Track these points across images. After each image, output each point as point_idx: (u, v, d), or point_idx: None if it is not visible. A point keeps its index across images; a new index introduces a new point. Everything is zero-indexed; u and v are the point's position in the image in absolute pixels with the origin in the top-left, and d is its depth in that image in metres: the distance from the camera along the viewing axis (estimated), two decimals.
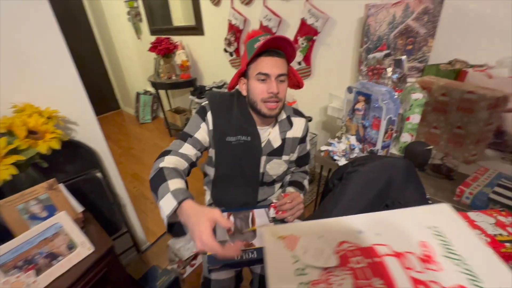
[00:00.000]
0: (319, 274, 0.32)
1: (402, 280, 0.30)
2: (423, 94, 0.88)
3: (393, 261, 0.32)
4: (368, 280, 0.30)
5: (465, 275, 0.29)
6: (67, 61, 0.98)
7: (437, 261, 0.32)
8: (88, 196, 1.12)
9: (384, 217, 0.39)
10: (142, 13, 2.83)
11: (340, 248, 0.34)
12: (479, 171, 0.82)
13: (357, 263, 0.33)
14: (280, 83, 0.76)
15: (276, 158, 0.90)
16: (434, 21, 1.07)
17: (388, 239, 0.35)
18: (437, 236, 0.35)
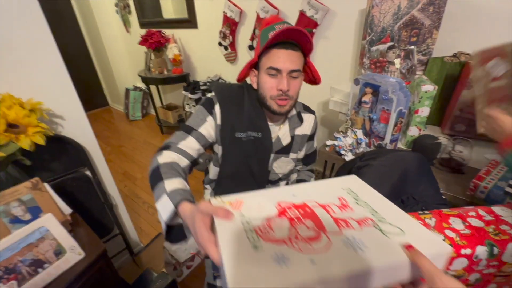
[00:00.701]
0: (261, 222, 0.40)
1: (327, 219, 0.40)
2: (434, 86, 0.85)
3: (319, 210, 0.43)
4: (301, 221, 0.40)
5: (370, 212, 0.41)
6: (52, 49, 0.89)
7: (350, 206, 0.44)
8: (77, 196, 1.04)
9: (310, 185, 0.52)
10: (131, 5, 2.71)
11: (278, 205, 0.44)
12: (491, 164, 0.79)
13: (292, 213, 0.42)
14: (292, 79, 0.69)
15: (284, 156, 0.85)
16: (439, 12, 1.04)
17: (315, 198, 0.46)
18: (350, 193, 0.48)
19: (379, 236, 0.37)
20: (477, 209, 0.55)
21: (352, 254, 0.34)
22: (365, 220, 0.40)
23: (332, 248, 0.35)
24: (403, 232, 0.37)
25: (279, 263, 0.33)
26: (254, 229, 0.38)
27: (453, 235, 0.49)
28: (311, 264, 0.33)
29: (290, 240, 0.36)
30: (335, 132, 1.03)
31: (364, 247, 0.35)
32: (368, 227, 0.39)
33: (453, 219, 0.53)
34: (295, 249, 0.35)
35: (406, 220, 0.39)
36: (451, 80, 1.05)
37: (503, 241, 0.47)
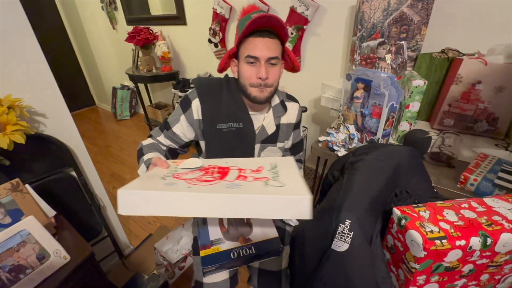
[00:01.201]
0: (182, 171, 0.52)
1: (232, 174, 0.50)
2: (424, 81, 0.86)
3: (235, 170, 0.52)
4: (211, 173, 0.50)
5: (272, 175, 0.49)
6: (32, 43, 0.85)
7: (261, 171, 0.51)
8: (62, 198, 0.99)
9: (246, 159, 0.63)
10: (117, 1, 2.63)
11: (208, 166, 0.55)
12: (479, 158, 0.81)
13: (211, 170, 0.53)
14: (271, 66, 0.70)
15: (270, 146, 0.86)
16: (427, 9, 1.05)
17: (240, 165, 0.55)
18: (272, 165, 0.56)
19: (260, 184, 0.45)
20: (469, 201, 0.56)
21: (223, 189, 0.43)
22: (262, 178, 0.49)
23: (212, 185, 0.44)
24: (284, 185, 0.45)
25: (167, 185, 0.45)
26: (174, 172, 0.52)
27: (447, 227, 0.49)
28: (185, 187, 0.43)
29: (190, 180, 0.47)
30: (328, 128, 1.03)
31: (238, 187, 0.43)
32: (259, 182, 0.47)
33: (447, 211, 0.53)
34: (185, 181, 0.46)
35: (296, 181, 0.47)
36: (439, 76, 1.07)
37: (496, 231, 0.47)
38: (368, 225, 0.58)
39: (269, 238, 0.69)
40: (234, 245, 0.67)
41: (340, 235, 0.55)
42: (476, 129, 1.00)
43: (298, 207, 0.42)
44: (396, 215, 0.54)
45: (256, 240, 0.68)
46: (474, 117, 0.98)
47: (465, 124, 1.01)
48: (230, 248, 0.66)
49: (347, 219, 0.55)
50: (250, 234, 0.70)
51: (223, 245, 0.67)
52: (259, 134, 0.82)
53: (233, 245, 0.67)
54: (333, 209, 0.60)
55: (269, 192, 0.42)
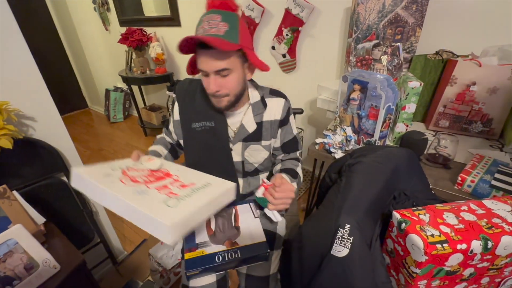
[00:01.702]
0: (142, 170, 0.65)
1: (161, 183, 0.60)
2: (420, 82, 0.86)
3: (169, 180, 0.62)
4: (149, 176, 0.62)
5: (185, 194, 0.56)
6: (20, 44, 0.82)
7: (183, 189, 0.58)
8: (52, 204, 0.96)
9: (191, 171, 0.71)
10: (110, 2, 2.60)
11: (161, 170, 0.68)
12: (476, 159, 0.81)
13: (157, 174, 0.65)
14: (222, 77, 0.68)
15: (253, 144, 0.83)
16: (422, 10, 1.06)
17: (182, 177, 0.65)
18: (204, 184, 0.62)
19: (160, 198, 0.52)
20: (468, 203, 0.55)
21: (129, 193, 0.52)
22: (172, 194, 0.55)
23: (131, 186, 0.55)
24: (170, 207, 0.50)
25: (104, 176, 0.56)
26: (131, 166, 0.65)
27: (448, 231, 0.48)
28: (109, 182, 0.55)
29: (129, 177, 0.59)
30: (324, 130, 1.02)
31: (141, 195, 0.53)
32: (163, 195, 0.54)
33: (447, 214, 0.52)
34: (121, 176, 0.58)
35: (185, 208, 0.52)
36: (434, 77, 1.07)
37: (496, 234, 0.47)
38: (367, 229, 0.57)
39: (256, 242, 0.67)
40: (219, 248, 0.66)
41: (339, 240, 0.54)
42: (471, 130, 1.00)
43: (158, 229, 0.46)
44: (396, 218, 0.53)
45: (242, 244, 0.67)
46: (469, 118, 0.99)
47: (460, 125, 1.02)
48: (215, 251, 0.65)
49: (347, 223, 0.54)
50: (237, 237, 0.69)
51: (208, 248, 0.66)
52: (238, 133, 0.81)
53: (219, 249, 0.66)
54: (332, 213, 0.59)
55: (145, 206, 0.48)
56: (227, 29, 0.63)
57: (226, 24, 0.63)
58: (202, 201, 0.54)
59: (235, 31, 0.64)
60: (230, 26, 0.63)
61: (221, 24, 0.63)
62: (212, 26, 0.62)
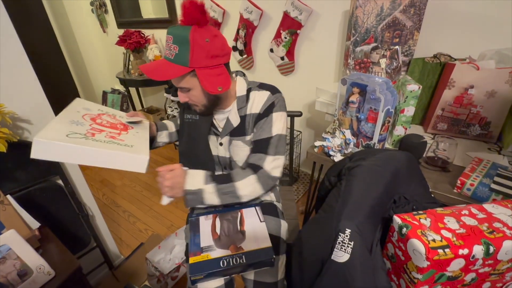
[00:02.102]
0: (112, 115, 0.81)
1: (111, 130, 0.70)
2: (418, 86, 0.86)
3: (120, 127, 0.75)
4: (109, 126, 0.72)
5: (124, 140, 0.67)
6: (16, 45, 0.81)
7: (126, 133, 0.72)
8: (47, 208, 0.95)
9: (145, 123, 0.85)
10: (107, 4, 2.59)
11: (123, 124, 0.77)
12: (474, 162, 0.81)
13: (120, 126, 0.75)
14: (186, 92, 0.73)
15: (236, 139, 0.82)
16: (420, 14, 1.06)
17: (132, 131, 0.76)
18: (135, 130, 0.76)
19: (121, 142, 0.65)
20: (469, 207, 0.55)
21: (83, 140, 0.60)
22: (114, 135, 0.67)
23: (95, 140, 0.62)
24: (131, 146, 0.64)
25: (71, 123, 0.64)
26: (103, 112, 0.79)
27: (449, 235, 0.48)
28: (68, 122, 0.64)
29: (97, 124, 0.70)
30: (323, 133, 1.02)
31: (109, 143, 0.62)
32: (110, 139, 0.64)
33: (448, 218, 0.52)
34: (88, 123, 0.67)
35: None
36: (432, 80, 1.08)
37: (498, 239, 0.47)
38: (368, 233, 0.56)
39: (262, 247, 0.67)
40: (224, 253, 0.65)
41: (340, 245, 0.53)
42: (469, 133, 1.01)
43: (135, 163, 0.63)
44: (397, 223, 0.53)
45: (247, 249, 0.66)
46: (467, 121, 0.99)
47: (458, 128, 1.02)
48: (220, 256, 0.64)
49: (347, 228, 0.54)
50: (242, 242, 0.68)
51: (213, 253, 0.65)
52: (225, 127, 0.82)
53: (224, 253, 0.65)
54: (332, 218, 0.58)
55: (118, 149, 0.60)
56: (177, 53, 0.65)
57: (176, 46, 0.65)
58: (102, 147, 0.62)
59: (186, 53, 0.65)
60: (180, 48, 0.65)
61: (172, 47, 0.67)
62: (167, 49, 0.68)
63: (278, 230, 0.84)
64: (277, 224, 0.84)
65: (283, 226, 0.85)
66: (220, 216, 0.77)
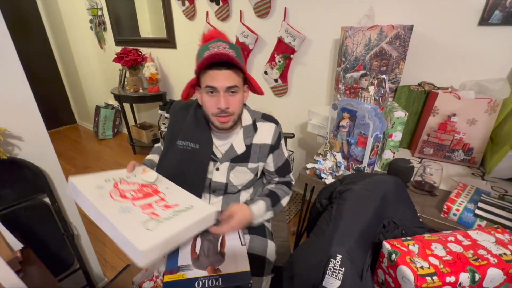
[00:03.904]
0: (131, 180, 0.71)
1: (147, 201, 0.63)
2: (405, 112, 0.91)
3: (156, 197, 0.67)
4: (138, 192, 0.66)
5: (166, 216, 0.59)
6: (14, 62, 0.82)
7: (166, 210, 0.62)
8: (32, 227, 0.92)
9: (177, 189, 0.74)
10: (107, 22, 2.66)
11: (152, 185, 0.71)
12: (459, 187, 0.84)
13: (147, 189, 0.69)
14: (231, 95, 0.73)
15: (239, 165, 0.85)
16: (404, 46, 1.14)
17: (169, 195, 0.68)
18: (187, 207, 0.66)
19: (142, 219, 0.56)
20: (455, 233, 0.57)
21: (115, 212, 0.56)
22: (154, 214, 0.59)
23: (117, 203, 0.58)
24: (149, 230, 0.53)
25: (98, 188, 0.61)
26: (121, 179, 0.69)
27: (436, 262, 0.49)
28: (99, 195, 0.59)
29: (117, 189, 0.63)
30: (315, 155, 1.04)
31: (124, 213, 0.56)
32: (145, 215, 0.57)
33: (435, 245, 0.53)
34: (110, 194, 0.60)
35: (164, 232, 0.55)
36: (418, 107, 1.13)
37: (483, 266, 0.48)
38: (358, 259, 0.57)
39: (239, 271, 0.65)
40: (201, 274, 0.63)
41: (331, 271, 0.53)
42: (453, 158, 1.05)
43: (131, 251, 0.50)
44: (386, 249, 0.54)
45: (225, 271, 0.65)
46: (451, 147, 1.04)
47: (443, 153, 1.06)
48: (196, 276, 0.62)
49: (338, 253, 0.54)
50: (220, 264, 0.67)
51: (189, 273, 0.63)
52: (227, 153, 0.83)
53: (200, 274, 0.63)
54: (323, 243, 0.59)
55: (124, 227, 0.52)
56: (235, 55, 0.71)
57: (233, 51, 0.71)
58: (180, 226, 0.57)
59: (240, 58, 0.73)
60: (236, 53, 0.72)
61: (230, 51, 0.70)
62: (222, 51, 0.69)
63: (264, 250, 0.84)
64: (263, 244, 0.85)
65: (270, 247, 0.85)
66: (201, 236, 0.75)
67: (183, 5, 1.99)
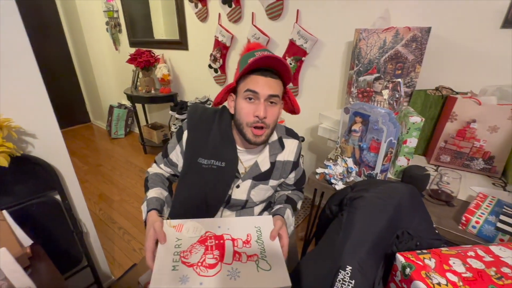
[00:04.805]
0: (187, 246, 0.60)
1: (229, 251, 0.60)
2: (421, 118, 0.87)
3: (229, 242, 0.63)
4: (212, 250, 0.60)
5: (259, 250, 0.62)
6: (30, 61, 0.83)
7: (251, 243, 0.63)
8: (42, 224, 0.93)
9: (234, 220, 0.73)
10: (122, 24, 2.72)
11: (205, 233, 0.64)
12: (479, 198, 0.79)
13: (210, 242, 0.62)
14: (270, 105, 0.68)
15: (262, 183, 0.81)
16: (421, 48, 1.10)
17: (231, 231, 0.65)
18: (258, 231, 0.67)
19: (254, 270, 0.57)
20: (475, 248, 0.53)
21: (227, 281, 0.54)
22: (253, 255, 0.60)
23: (218, 275, 0.55)
24: (271, 268, 0.58)
25: (182, 281, 0.53)
26: (180, 252, 0.59)
27: (455, 279, 0.46)
28: (199, 285, 0.53)
29: (197, 265, 0.57)
30: (325, 160, 1.02)
31: (238, 278, 0.55)
32: (251, 262, 0.59)
33: (453, 260, 0.50)
34: (196, 272, 0.55)
35: (278, 257, 0.62)
36: (434, 112, 1.09)
37: (507, 286, 0.44)
38: (370, 271, 0.54)
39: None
40: None
41: (340, 283, 0.51)
42: (472, 166, 1.00)
43: None
44: (400, 262, 0.51)
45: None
46: (470, 155, 0.99)
47: (461, 161, 1.01)
48: None
49: (348, 265, 0.52)
50: None
51: None
52: (250, 170, 0.79)
53: None
54: (333, 252, 0.56)
55: (259, 283, 0.55)
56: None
57: None
58: (281, 253, 0.64)
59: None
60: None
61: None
62: (273, 55, 0.65)
63: None
64: None
65: None
66: None
67: (196, 7, 2.01)
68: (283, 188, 0.95)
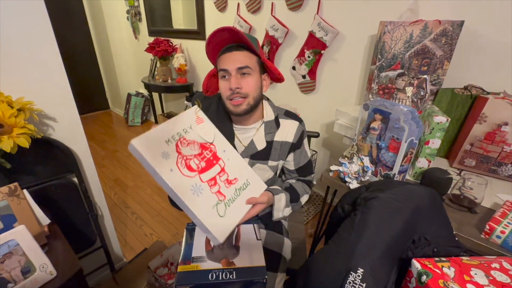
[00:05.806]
0: (191, 139, 0.62)
1: (212, 172, 0.63)
2: (447, 118, 0.82)
3: (218, 167, 0.65)
4: (201, 160, 0.62)
5: (231, 196, 0.65)
6: (52, 47, 0.85)
7: (231, 186, 0.66)
8: (59, 205, 0.97)
9: (239, 159, 0.70)
10: (142, 13, 2.74)
11: (207, 147, 0.64)
12: (506, 206, 0.74)
13: (206, 153, 0.63)
14: (243, 76, 0.72)
15: (260, 163, 0.82)
16: (451, 44, 1.03)
17: (228, 164, 0.67)
18: (244, 183, 0.69)
19: (211, 204, 0.59)
20: (500, 260, 0.49)
21: (187, 190, 0.56)
22: (222, 195, 0.62)
23: (186, 179, 0.57)
24: (223, 217, 0.60)
25: (164, 156, 0.55)
26: (181, 137, 0.60)
27: None
28: (168, 170, 0.55)
29: (183, 157, 0.58)
30: (340, 158, 0.98)
31: (195, 196, 0.57)
32: (215, 197, 0.61)
33: (475, 270, 0.47)
34: (177, 161, 0.57)
35: (236, 216, 0.64)
36: (461, 113, 1.02)
37: None
38: (382, 275, 0.52)
39: (255, 265, 0.63)
40: (215, 266, 0.62)
41: (350, 285, 0.49)
42: (500, 172, 0.93)
43: (208, 234, 0.58)
44: (416, 268, 0.48)
45: (239, 265, 0.63)
46: (499, 160, 0.92)
47: (488, 166, 0.95)
48: (210, 268, 0.61)
49: (360, 267, 0.50)
50: (234, 257, 0.65)
51: (203, 264, 0.62)
52: (247, 148, 0.81)
53: (214, 266, 0.62)
54: (344, 252, 0.54)
55: (202, 215, 0.56)
56: (250, 41, 0.71)
57: (248, 40, 0.71)
58: (243, 212, 0.66)
59: (256, 46, 0.72)
60: (252, 40, 0.72)
61: (244, 39, 0.71)
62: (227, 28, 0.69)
63: (280, 247, 0.83)
64: (279, 240, 0.84)
65: (286, 244, 0.85)
66: None
67: None
68: (287, 176, 0.94)
